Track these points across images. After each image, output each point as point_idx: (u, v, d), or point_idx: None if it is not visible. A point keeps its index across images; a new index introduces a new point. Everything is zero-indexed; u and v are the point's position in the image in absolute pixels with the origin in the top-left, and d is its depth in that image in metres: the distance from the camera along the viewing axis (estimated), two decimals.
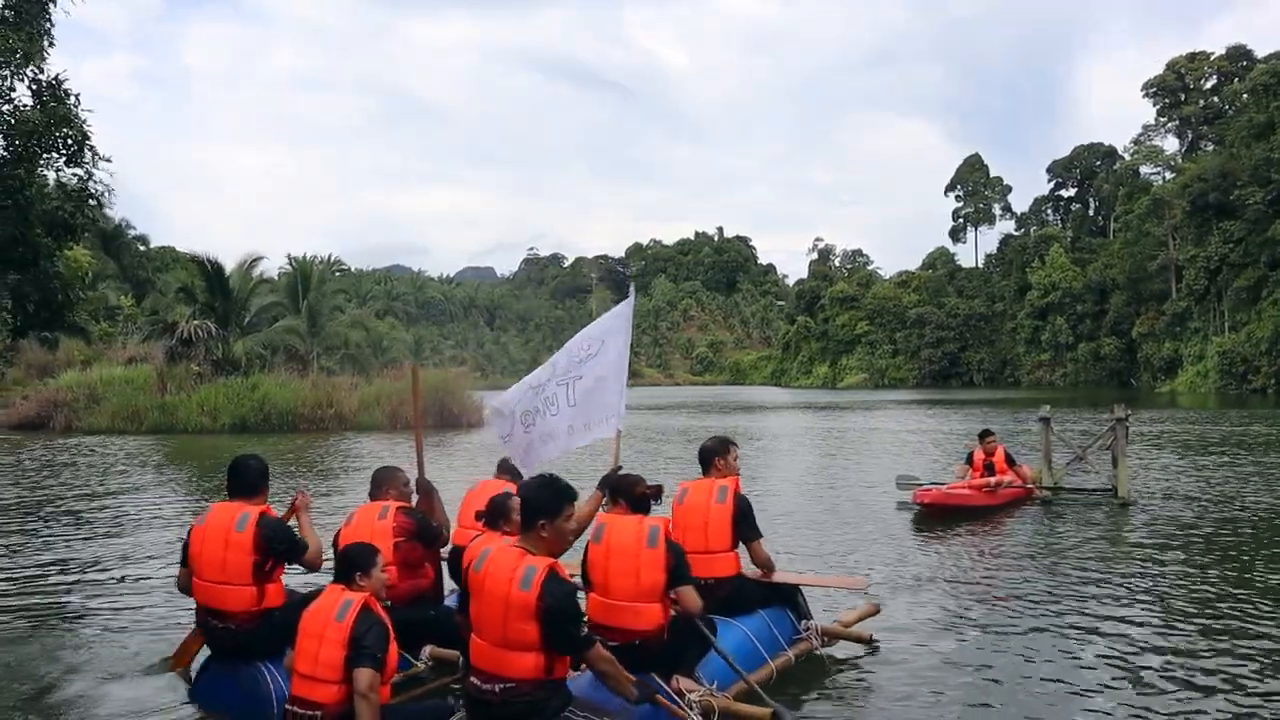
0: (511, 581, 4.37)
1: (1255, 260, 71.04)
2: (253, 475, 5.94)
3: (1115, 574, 9.41)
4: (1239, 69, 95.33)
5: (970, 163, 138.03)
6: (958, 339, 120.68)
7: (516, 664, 4.41)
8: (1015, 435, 25.02)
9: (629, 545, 5.32)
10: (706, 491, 6.42)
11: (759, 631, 6.27)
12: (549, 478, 4.74)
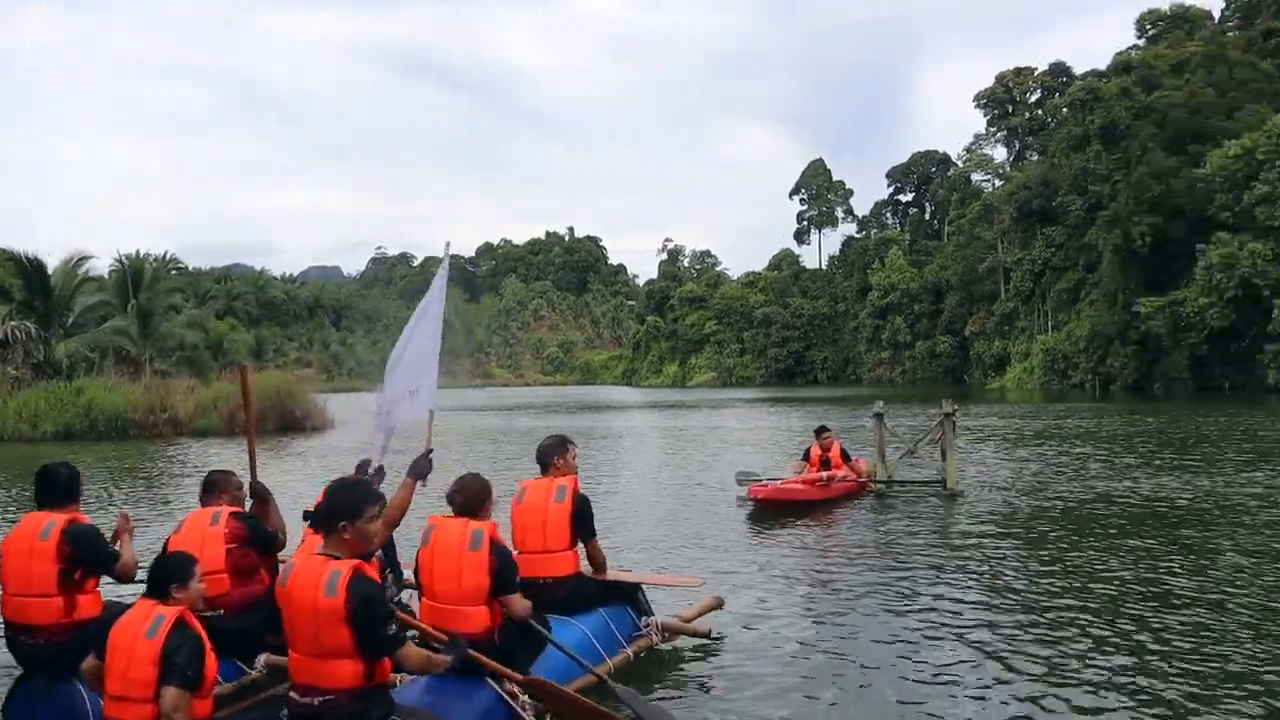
0: (317, 589, 4.29)
1: (1075, 264, 75.35)
2: (61, 483, 5.65)
3: (945, 560, 9.87)
4: (1059, 84, 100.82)
5: (814, 167, 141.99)
6: (802, 338, 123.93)
7: (334, 674, 4.33)
8: (851, 431, 25.76)
9: (452, 548, 5.30)
10: (545, 491, 6.45)
11: (598, 630, 6.31)
12: (350, 480, 4.71)
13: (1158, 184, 58.85)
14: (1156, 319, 58.43)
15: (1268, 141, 51.19)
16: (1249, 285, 50.72)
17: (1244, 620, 7.32)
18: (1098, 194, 69.25)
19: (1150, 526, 11.40)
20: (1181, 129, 60.05)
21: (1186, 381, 57.90)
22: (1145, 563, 9.47)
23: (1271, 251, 49.69)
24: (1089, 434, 25.66)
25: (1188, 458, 18.79)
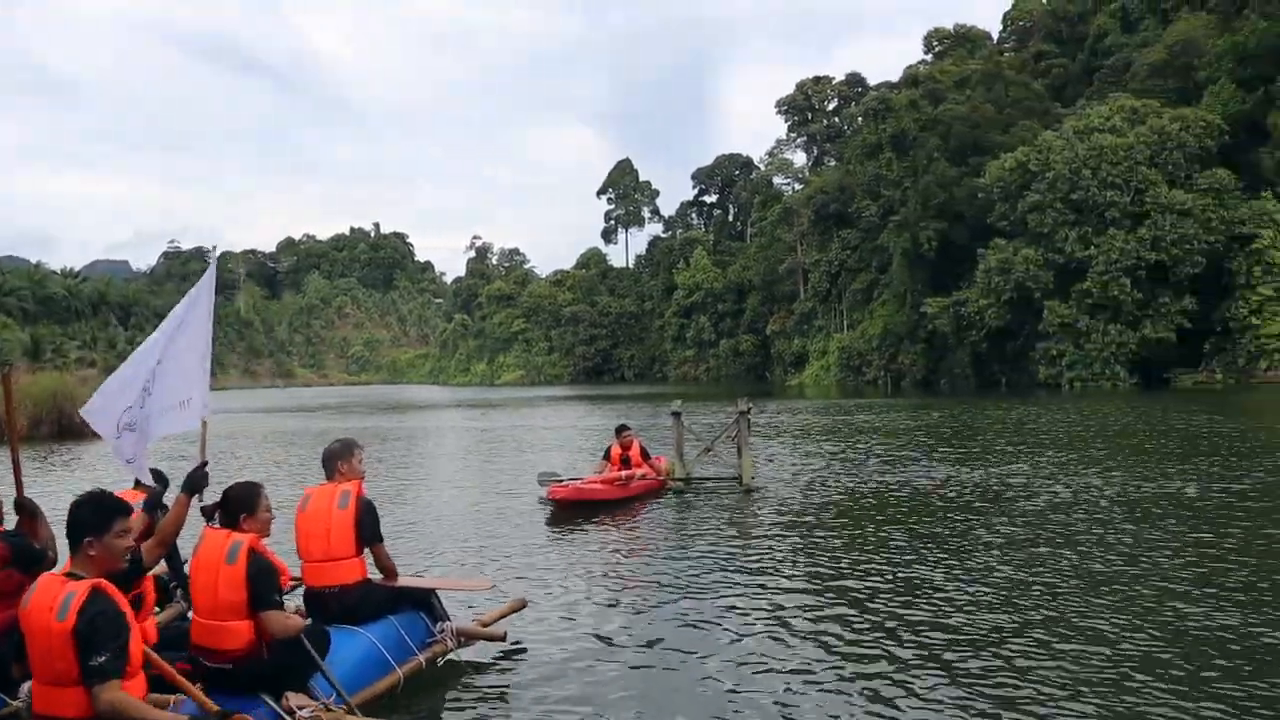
0: (51, 612, 3.99)
1: (868, 265, 79.13)
2: None
3: (741, 554, 10.15)
4: (855, 94, 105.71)
5: (621, 167, 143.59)
6: (610, 336, 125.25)
7: (67, 702, 4.04)
8: (651, 429, 25.99)
9: (211, 560, 5.08)
10: (328, 497, 6.24)
11: (387, 637, 6.11)
12: (96, 493, 4.38)
13: (943, 192, 62.54)
14: (941, 318, 62.14)
15: (1038, 155, 55.18)
16: (1023, 288, 54.53)
17: (991, 597, 7.92)
18: (889, 199, 73.00)
19: (925, 516, 12.02)
20: (963, 141, 63.99)
21: (969, 377, 61.81)
22: (921, 549, 10.01)
23: (1042, 257, 53.56)
24: (876, 429, 26.87)
25: (961, 451, 19.91)
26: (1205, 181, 50.56)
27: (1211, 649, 6.51)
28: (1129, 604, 7.65)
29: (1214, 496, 12.67)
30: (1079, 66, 74.09)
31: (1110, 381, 51.37)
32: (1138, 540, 10.07)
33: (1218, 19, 58.80)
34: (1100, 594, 8.00)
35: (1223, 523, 10.90)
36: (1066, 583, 8.47)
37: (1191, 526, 10.79)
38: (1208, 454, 17.59)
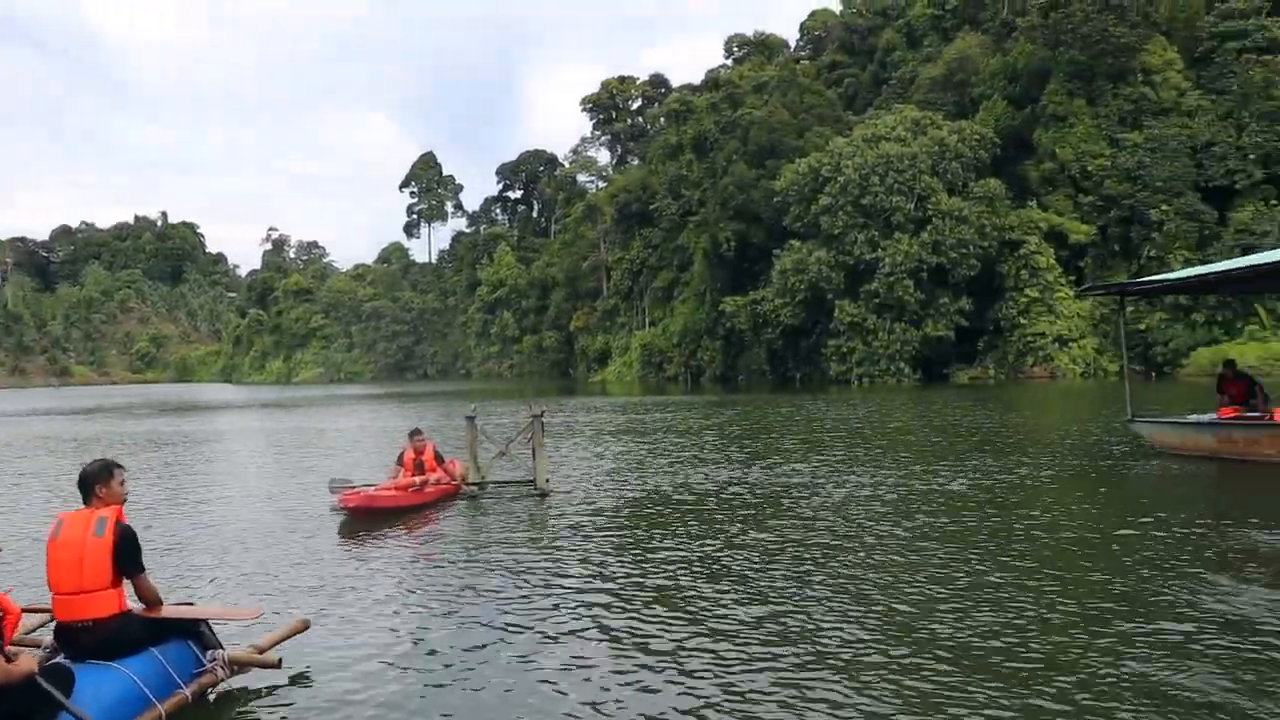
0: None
1: (669, 264, 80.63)
2: None
3: (536, 558, 10.12)
4: (659, 94, 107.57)
5: (425, 160, 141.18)
6: (412, 333, 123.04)
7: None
8: (444, 430, 25.54)
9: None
10: (83, 524, 5.77)
11: (148, 672, 5.74)
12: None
13: (741, 193, 64.37)
14: (739, 316, 63.97)
15: (830, 160, 57.55)
16: (816, 288, 56.76)
17: (771, 592, 8.27)
18: (689, 200, 74.61)
19: (712, 516, 12.33)
20: (761, 144, 66.03)
21: (766, 373, 63.82)
22: (707, 549, 10.33)
23: (834, 258, 55.88)
24: (671, 428, 27.23)
25: (751, 449, 20.47)
26: (980, 190, 53.93)
27: (964, 651, 6.95)
28: (882, 593, 8.10)
29: (977, 489, 13.54)
30: (869, 77, 77.69)
31: (895, 377, 54.10)
32: (908, 532, 10.65)
33: (991, 40, 62.85)
34: (862, 584, 8.43)
35: (984, 514, 11.67)
36: (837, 577, 8.88)
37: (954, 520, 11.48)
38: (976, 449, 18.77)
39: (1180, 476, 13.97)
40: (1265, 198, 47.24)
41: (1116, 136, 52.03)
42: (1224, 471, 14.13)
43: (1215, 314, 46.12)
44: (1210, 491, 13.00)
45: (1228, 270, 15.89)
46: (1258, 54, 49.61)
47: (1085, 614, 7.17)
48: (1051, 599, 7.61)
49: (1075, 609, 7.31)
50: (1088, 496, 12.36)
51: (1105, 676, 5.92)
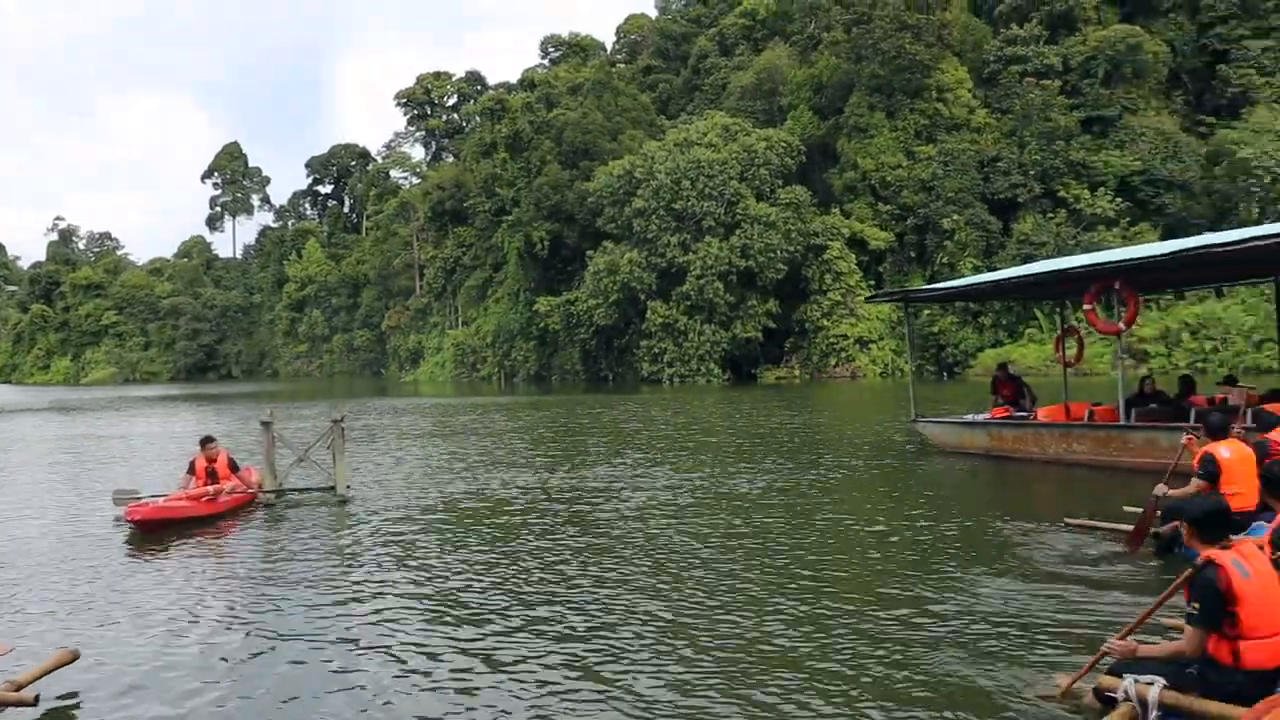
0: None
1: (483, 263, 79.99)
2: None
3: (334, 568, 9.79)
4: (475, 91, 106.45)
5: (229, 151, 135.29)
6: (215, 331, 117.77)
7: None
8: (238, 437, 24.43)
9: None
10: None
11: None
12: None
13: (555, 194, 64.43)
14: (553, 317, 64.11)
15: (643, 164, 58.24)
16: (628, 289, 57.34)
17: (569, 594, 8.30)
18: (504, 199, 74.17)
19: (512, 521, 12.28)
20: (575, 146, 66.26)
21: (579, 373, 64.16)
22: (507, 554, 10.27)
23: (646, 260, 56.58)
24: (479, 430, 26.99)
25: (557, 452, 20.40)
26: (786, 197, 55.66)
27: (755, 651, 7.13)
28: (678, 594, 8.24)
29: (770, 491, 13.95)
30: (682, 82, 79.03)
31: (705, 377, 55.22)
32: (699, 536, 10.87)
33: (798, 52, 64.99)
34: (656, 589, 8.55)
35: (774, 516, 12.03)
36: (622, 582, 8.99)
37: (746, 522, 11.79)
38: (774, 450, 19.35)
39: (955, 474, 14.77)
40: (1044, 210, 50.56)
41: (912, 149, 54.66)
42: (995, 468, 15.03)
43: (1000, 318, 49.02)
44: (981, 488, 13.80)
45: (998, 281, 17.13)
46: (1037, 78, 53.04)
47: (845, 610, 7.49)
48: (821, 596, 7.90)
49: (836, 605, 7.63)
50: (870, 497, 12.91)
51: (865, 667, 6.17)
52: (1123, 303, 13.66)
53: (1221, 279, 22.07)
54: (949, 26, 55.91)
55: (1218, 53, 53.78)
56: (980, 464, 15.33)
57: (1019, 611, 7.11)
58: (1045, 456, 14.71)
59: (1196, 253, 12.47)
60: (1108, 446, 13.69)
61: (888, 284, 53.04)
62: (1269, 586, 4.70)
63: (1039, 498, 12.81)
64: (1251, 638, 4.60)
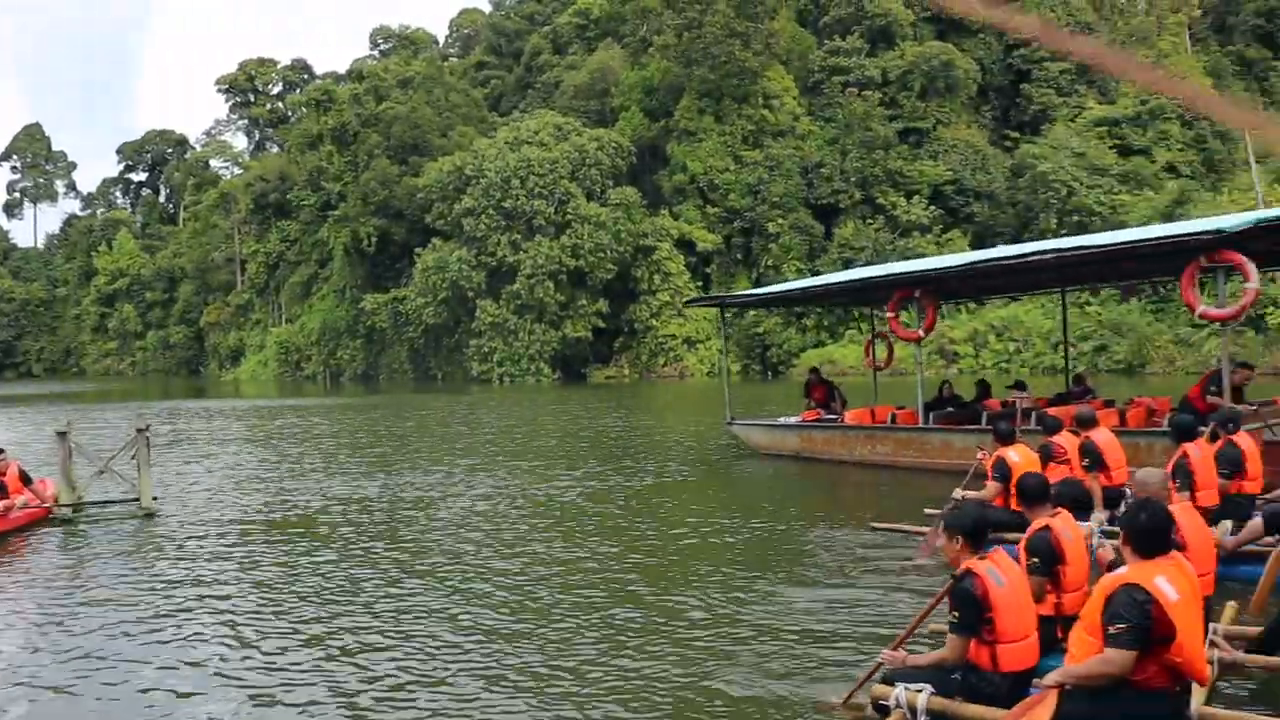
0: None
1: (308, 259, 77.56)
2: None
3: (137, 587, 9.24)
4: (301, 80, 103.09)
5: (30, 132, 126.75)
6: (13, 325, 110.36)
7: None
8: (30, 447, 22.76)
9: None
10: None
11: None
12: None
13: (383, 189, 63.03)
14: (381, 315, 62.76)
15: (474, 161, 57.58)
16: (458, 288, 56.60)
17: (380, 606, 8.10)
18: (330, 193, 72.12)
19: (323, 533, 11.91)
20: (404, 141, 64.99)
21: (407, 372, 63.03)
22: (316, 567, 9.96)
23: (475, 258, 55.97)
24: (302, 434, 26.08)
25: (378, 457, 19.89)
26: (617, 198, 56.01)
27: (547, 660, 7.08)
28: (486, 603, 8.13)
29: (588, 497, 13.97)
30: (515, 80, 78.53)
31: (536, 377, 55.05)
32: (512, 546, 10.78)
33: (630, 54, 65.50)
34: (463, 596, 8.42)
35: (589, 523, 12.04)
36: (429, 593, 8.83)
37: (559, 530, 11.76)
38: (596, 453, 19.41)
39: (768, 477, 15.11)
40: (863, 216, 52.51)
41: (740, 154, 55.83)
42: (806, 470, 15.44)
43: (822, 319, 50.59)
44: (792, 491, 14.12)
45: (806, 288, 17.77)
46: (858, 89, 55.06)
47: (643, 622, 7.51)
48: (621, 607, 7.91)
49: (633, 616, 7.65)
50: (682, 503, 13.00)
51: (656, 680, 6.19)
52: (922, 311, 14.26)
53: (1014, 289, 23.38)
54: (776, 35, 57.39)
55: (1022, 72, 57.12)
56: (792, 466, 15.73)
57: (820, 618, 7.24)
58: (852, 458, 15.21)
59: (985, 265, 13.18)
60: (908, 448, 14.28)
61: (715, 285, 54.05)
62: (1020, 593, 4.96)
63: (847, 500, 13.21)
64: (1006, 642, 4.82)
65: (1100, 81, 56.46)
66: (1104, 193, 47.43)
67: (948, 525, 5.17)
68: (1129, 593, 4.20)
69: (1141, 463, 10.10)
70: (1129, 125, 52.63)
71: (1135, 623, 4.13)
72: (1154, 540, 4.40)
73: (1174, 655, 4.21)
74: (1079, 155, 48.89)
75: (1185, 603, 4.25)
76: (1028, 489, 6.07)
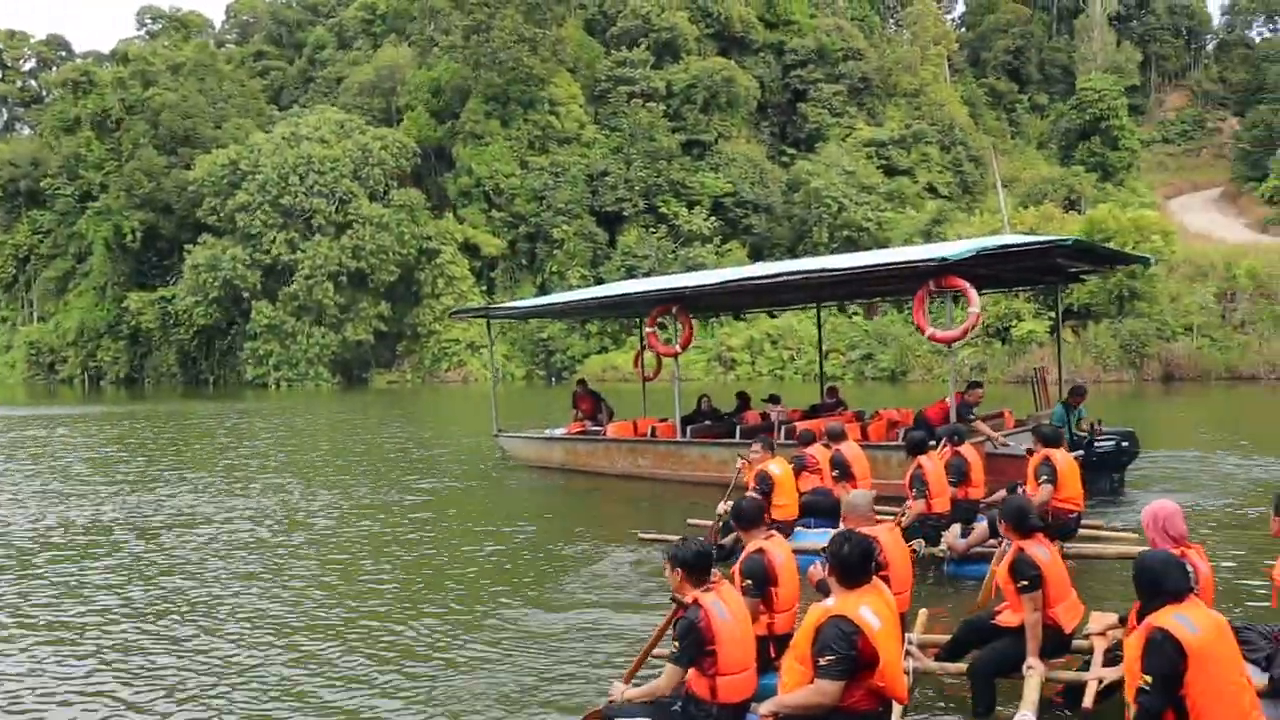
0: None
1: (64, 252, 72.22)
2: None
3: None
4: (58, 58, 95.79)
5: None
6: None
7: None
8: None
9: None
10: None
11: None
12: None
13: (150, 181, 59.49)
14: (147, 314, 59.25)
15: (250, 155, 55.20)
16: (231, 287, 54.14)
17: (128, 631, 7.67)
18: (90, 182, 67.48)
19: (57, 558, 11.25)
20: (174, 131, 61.53)
21: (176, 376, 59.77)
22: (38, 599, 9.37)
23: (250, 257, 53.69)
24: (40, 448, 24.25)
25: (129, 474, 18.50)
26: (400, 199, 54.98)
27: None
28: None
29: (352, 514, 13.66)
30: (297, 72, 75.85)
31: (315, 381, 53.34)
32: (267, 569, 10.42)
33: (417, 53, 64.42)
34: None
35: (348, 542, 11.77)
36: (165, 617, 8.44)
37: (318, 551, 11.46)
38: (364, 466, 18.99)
39: (534, 491, 15.10)
40: (646, 225, 53.54)
41: (526, 159, 55.87)
42: (572, 483, 15.54)
43: (606, 326, 51.26)
44: (556, 505, 14.13)
45: (568, 302, 18.10)
46: (644, 99, 56.12)
47: (390, 652, 7.41)
48: (372, 640, 7.77)
49: (381, 648, 7.52)
50: (447, 520, 12.81)
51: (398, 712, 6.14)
52: (679, 327, 14.68)
53: (769, 305, 24.33)
54: (564, 43, 57.82)
55: (798, 92, 59.71)
56: (558, 479, 15.79)
57: (563, 642, 7.23)
58: (616, 470, 15.43)
59: (736, 284, 13.74)
60: (668, 461, 14.63)
61: (500, 290, 53.90)
62: (743, 625, 5.08)
63: (611, 514, 13.38)
64: (726, 674, 4.91)
65: (869, 105, 59.75)
66: (871, 210, 50.18)
67: (670, 556, 5.20)
68: (836, 625, 4.39)
69: (881, 474, 10.82)
70: (894, 147, 55.93)
71: (843, 654, 4.32)
72: (857, 571, 4.60)
73: (878, 680, 4.46)
74: (849, 173, 51.53)
75: (887, 630, 4.48)
76: (743, 513, 6.26)
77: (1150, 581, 4.29)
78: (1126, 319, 34.04)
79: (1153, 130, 70.51)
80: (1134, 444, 12.15)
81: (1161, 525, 5.32)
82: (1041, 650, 5.50)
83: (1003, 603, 5.92)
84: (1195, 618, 4.08)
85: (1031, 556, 5.61)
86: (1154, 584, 4.26)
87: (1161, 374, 33.14)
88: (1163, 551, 4.72)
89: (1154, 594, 4.24)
